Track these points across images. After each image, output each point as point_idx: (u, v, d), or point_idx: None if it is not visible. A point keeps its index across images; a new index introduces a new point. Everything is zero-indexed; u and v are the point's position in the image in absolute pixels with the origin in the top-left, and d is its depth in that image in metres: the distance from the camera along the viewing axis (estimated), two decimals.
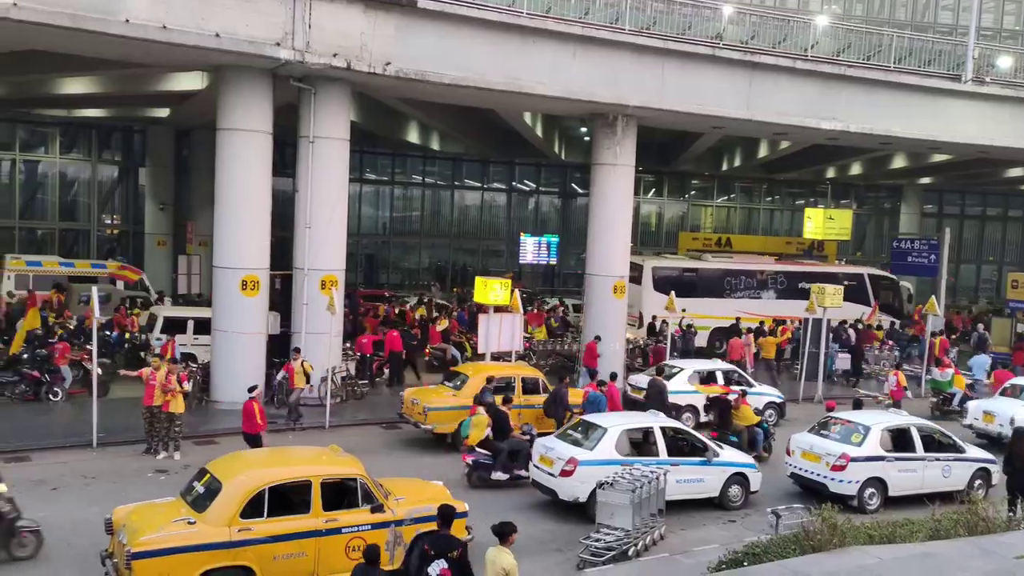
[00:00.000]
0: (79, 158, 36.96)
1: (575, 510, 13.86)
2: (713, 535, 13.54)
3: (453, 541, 8.92)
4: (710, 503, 14.89)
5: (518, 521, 13.22)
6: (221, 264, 19.87)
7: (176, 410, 16.08)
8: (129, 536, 9.88)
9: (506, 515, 13.81)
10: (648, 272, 29.54)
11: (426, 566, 8.68)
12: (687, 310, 26.08)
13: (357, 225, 39.06)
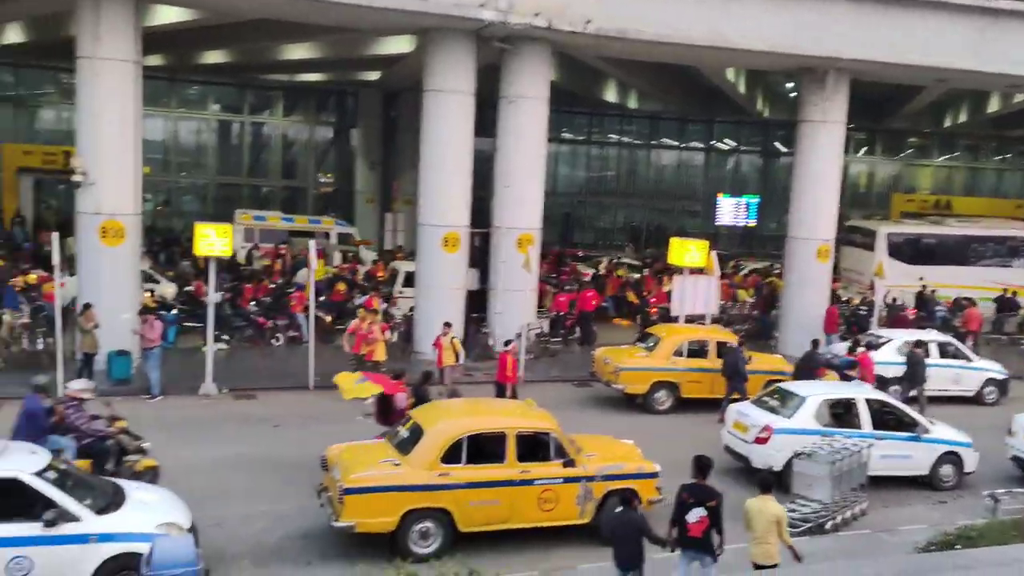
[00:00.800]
0: (299, 120, 39.59)
1: None
2: (920, 515, 12.81)
3: (711, 491, 9.09)
4: (918, 482, 14.05)
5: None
6: (425, 221, 20.74)
7: (379, 358, 17.05)
8: (342, 472, 10.67)
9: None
10: (883, 238, 27.80)
11: (685, 513, 8.96)
12: (924, 278, 24.40)
13: (553, 184, 39.44)
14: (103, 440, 11.52)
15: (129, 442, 11.75)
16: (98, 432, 11.57)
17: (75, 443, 11.30)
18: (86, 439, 11.40)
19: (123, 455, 11.56)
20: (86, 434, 11.43)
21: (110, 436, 11.61)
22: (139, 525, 9.10)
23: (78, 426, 11.41)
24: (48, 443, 10.77)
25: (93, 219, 17.40)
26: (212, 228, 16.82)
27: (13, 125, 34.92)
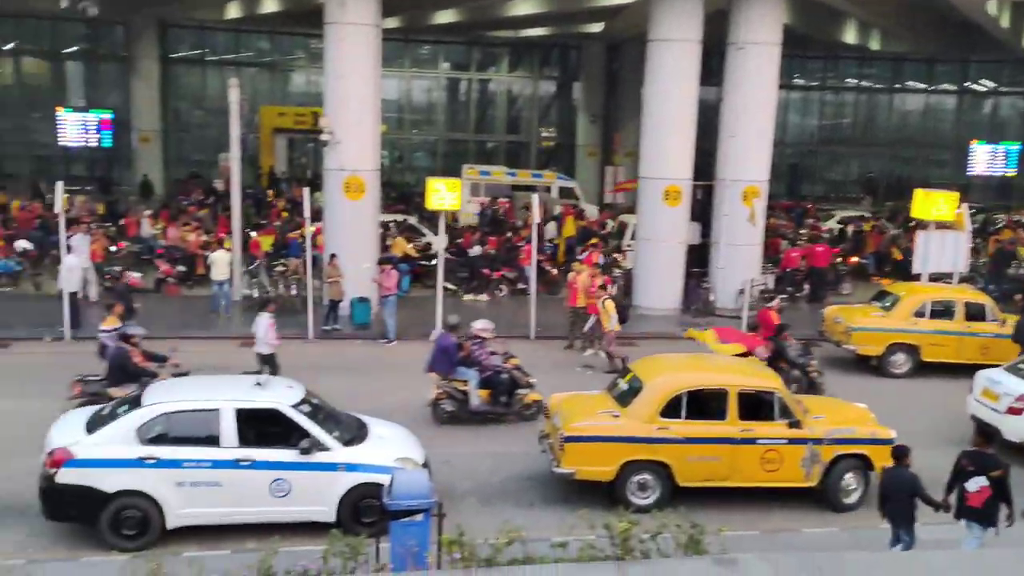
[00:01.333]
0: (523, 75, 40.31)
1: (1020, 451, 12.40)
2: None
3: (996, 460, 8.74)
4: None
5: (953, 456, 12.27)
6: (645, 174, 20.56)
7: None
8: (563, 421, 10.98)
9: (940, 448, 12.89)
10: None
11: (963, 481, 8.70)
12: None
13: (782, 133, 37.62)
14: (499, 374, 13.24)
15: (520, 377, 13.45)
16: (496, 367, 13.33)
17: (478, 375, 13.16)
18: (486, 372, 13.30)
19: (515, 388, 13.30)
20: (487, 367, 13.33)
21: (506, 371, 13.29)
22: (380, 458, 9.87)
23: (480, 360, 13.31)
24: (457, 373, 13.22)
25: (337, 175, 18.76)
26: (442, 183, 17.62)
27: (269, 88, 38.20)
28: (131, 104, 35.13)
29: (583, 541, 6.53)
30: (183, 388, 10.54)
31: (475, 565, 6.37)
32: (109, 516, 9.23)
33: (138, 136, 35.10)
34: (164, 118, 36.10)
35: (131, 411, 9.61)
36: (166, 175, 35.92)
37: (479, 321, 14.13)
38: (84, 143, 33.42)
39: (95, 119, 33.29)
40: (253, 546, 8.75)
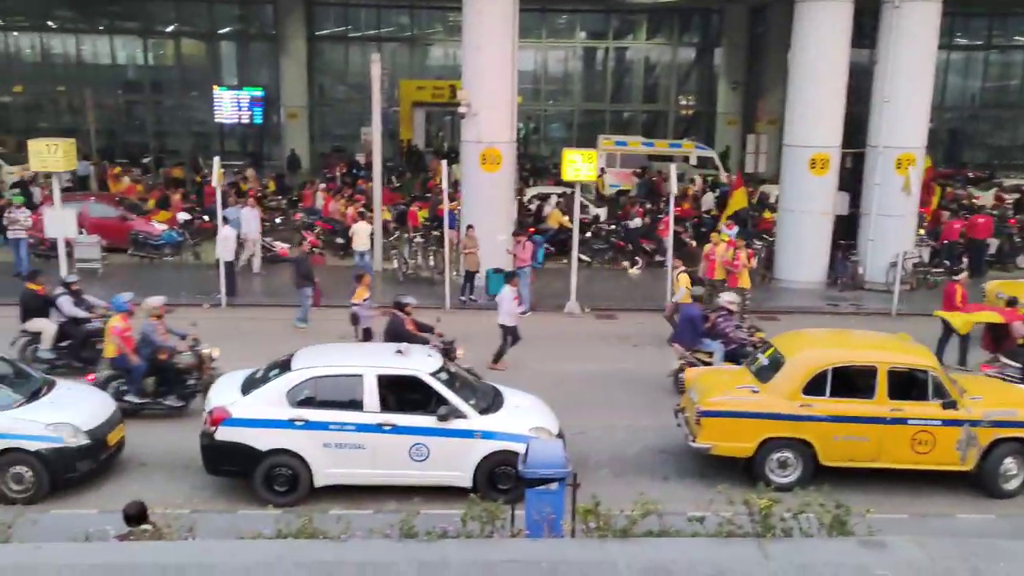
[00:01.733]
0: (661, 42, 39.47)
1: None
2: None
3: None
4: None
5: None
6: (790, 142, 19.79)
7: (743, 285, 16.81)
8: (699, 395, 10.80)
9: None
10: None
11: None
12: None
13: (940, 97, 35.33)
14: (743, 347, 13.19)
15: None
16: (742, 340, 13.37)
17: (723, 347, 13.22)
18: (731, 344, 13.25)
19: None
20: (732, 340, 13.30)
21: (751, 344, 13.25)
22: (515, 427, 10.02)
23: (726, 333, 13.36)
24: (703, 345, 13.27)
25: (475, 147, 18.97)
26: (579, 154, 17.53)
27: (409, 62, 38.98)
28: (280, 81, 36.66)
29: (721, 517, 6.43)
30: (329, 354, 11.00)
31: (610, 535, 6.39)
32: (262, 472, 9.79)
33: (286, 112, 36.62)
34: (310, 94, 37.48)
35: (281, 375, 10.11)
36: (311, 149, 37.36)
37: (725, 294, 14.07)
38: (237, 120, 35.16)
39: (247, 96, 34.93)
40: (394, 507, 9.09)
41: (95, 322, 13.45)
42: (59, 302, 13.53)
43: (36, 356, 13.32)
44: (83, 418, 10.05)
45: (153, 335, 12.20)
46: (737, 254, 16.92)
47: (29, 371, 10.96)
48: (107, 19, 38.14)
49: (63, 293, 13.67)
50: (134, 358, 11.91)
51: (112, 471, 10.49)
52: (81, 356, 13.43)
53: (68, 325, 13.49)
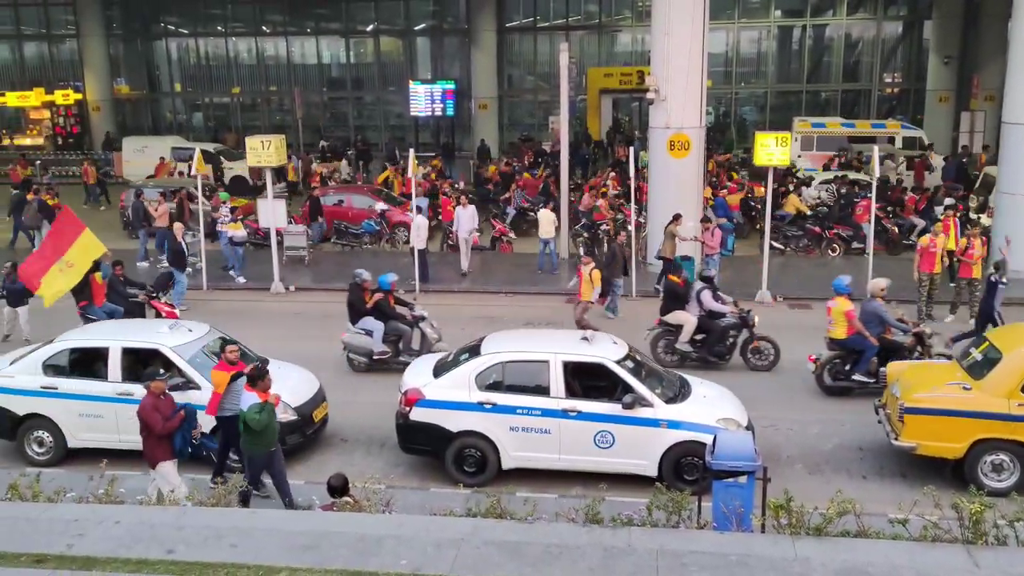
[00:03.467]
0: (864, 17, 37.20)
1: None
2: None
3: None
4: None
5: None
6: (1011, 119, 18.11)
7: (976, 276, 15.55)
8: (903, 391, 10.17)
9: None
10: None
11: None
12: None
13: None
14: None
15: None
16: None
17: None
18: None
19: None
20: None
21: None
22: (702, 417, 9.86)
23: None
24: None
25: (663, 133, 18.69)
26: (772, 137, 16.89)
27: (596, 50, 38.95)
28: (471, 74, 37.68)
29: (926, 520, 6.05)
30: (517, 340, 11.25)
31: (803, 532, 6.18)
32: (453, 453, 10.18)
33: (476, 103, 37.62)
34: (499, 85, 38.28)
35: (471, 359, 10.45)
36: (501, 139, 38.18)
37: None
38: (431, 112, 36.48)
39: (440, 89, 36.16)
40: (579, 492, 9.19)
41: (729, 317, 13.78)
42: (701, 296, 13.93)
43: (672, 348, 13.80)
44: (291, 395, 10.73)
45: (885, 314, 12.54)
46: (972, 242, 15.59)
47: (246, 350, 11.81)
48: (313, 21, 40.66)
49: (703, 288, 14.02)
50: (871, 339, 12.24)
51: (317, 445, 11.24)
52: (714, 351, 13.74)
53: (705, 319, 13.84)
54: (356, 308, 13.92)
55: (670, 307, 14.05)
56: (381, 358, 13.58)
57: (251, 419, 8.83)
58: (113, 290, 14.86)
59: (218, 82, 41.23)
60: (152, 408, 9.01)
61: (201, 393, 10.20)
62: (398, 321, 13.90)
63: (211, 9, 40.14)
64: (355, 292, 14.07)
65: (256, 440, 9.02)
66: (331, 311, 15.82)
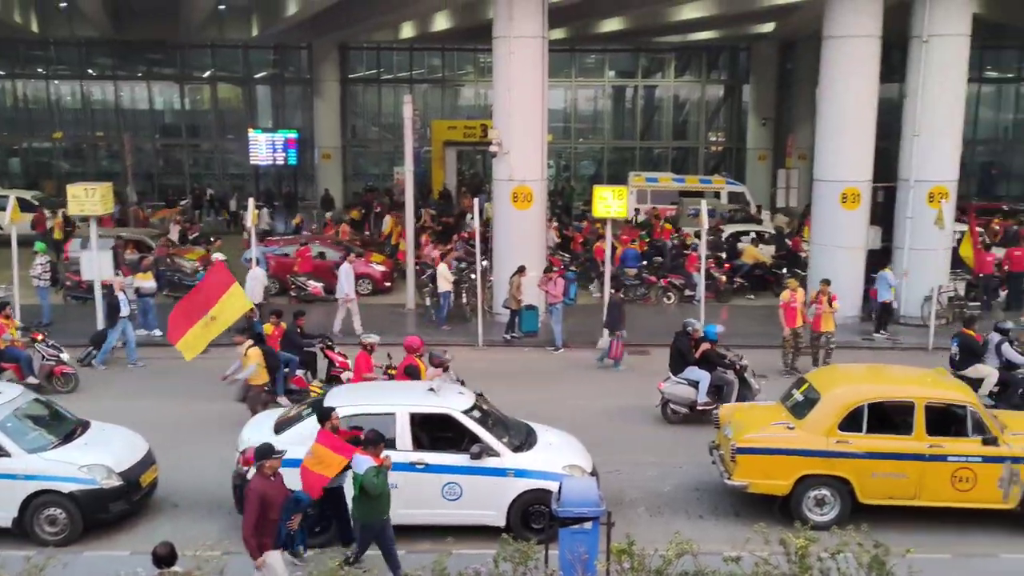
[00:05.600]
0: (690, 80, 39.67)
1: None
2: None
3: None
4: None
5: None
6: (821, 177, 19.71)
7: (829, 328, 16.39)
8: (735, 432, 10.70)
9: None
10: None
11: None
12: None
13: (972, 130, 35.03)
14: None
15: None
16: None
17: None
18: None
19: None
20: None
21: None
22: (548, 464, 9.98)
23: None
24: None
25: (506, 185, 19.13)
26: (609, 191, 17.62)
27: (440, 103, 39.52)
28: (314, 123, 37.31)
29: (757, 557, 6.34)
30: (361, 393, 11.07)
31: (645, 575, 6.33)
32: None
33: (320, 153, 37.22)
34: (343, 135, 38.09)
35: (314, 414, 10.17)
36: (345, 189, 37.87)
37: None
38: (272, 161, 35.76)
39: (282, 139, 35.57)
40: (427, 547, 9.06)
41: None
42: (1003, 348, 13.72)
43: None
44: (116, 459, 10.15)
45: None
46: (820, 297, 16.56)
47: (64, 412, 11.08)
48: (144, 66, 39.18)
49: (1003, 340, 13.85)
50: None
51: (145, 512, 10.56)
52: (1013, 402, 13.18)
53: (1006, 371, 13.57)
54: (684, 357, 13.87)
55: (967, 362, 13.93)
56: (705, 408, 13.29)
57: (368, 483, 8.32)
58: (289, 340, 14.65)
59: (39, 126, 38.82)
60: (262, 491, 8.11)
61: None
62: (724, 371, 13.78)
63: (32, 50, 37.90)
64: (683, 341, 14.04)
65: (372, 507, 8.55)
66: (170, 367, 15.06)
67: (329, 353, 15.04)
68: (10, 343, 14.71)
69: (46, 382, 14.66)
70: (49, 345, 15.04)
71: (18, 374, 14.41)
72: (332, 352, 15.05)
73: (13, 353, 14.63)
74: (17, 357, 14.60)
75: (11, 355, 14.60)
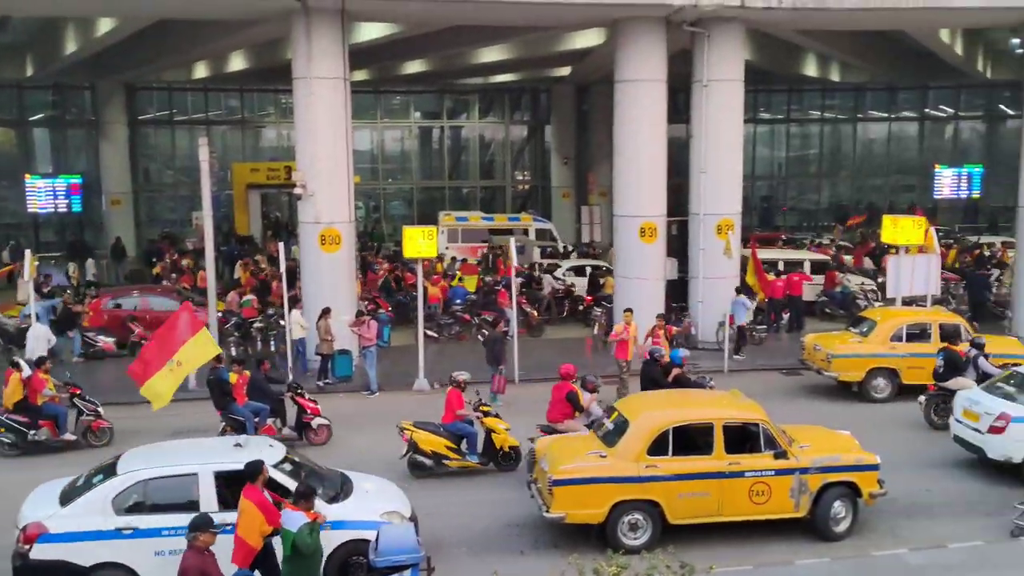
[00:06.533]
0: (494, 121, 40.71)
1: (1008, 471, 12.42)
2: None
3: None
4: None
5: (938, 479, 12.30)
6: (620, 212, 20.69)
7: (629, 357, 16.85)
8: (550, 465, 10.85)
9: (926, 472, 12.89)
10: None
11: None
12: None
13: (751, 167, 38.13)
14: None
15: None
16: None
17: None
18: None
19: None
20: None
21: None
22: (365, 513, 9.68)
23: None
24: None
25: (313, 228, 18.72)
26: (419, 231, 17.63)
27: (241, 145, 38.28)
28: (100, 167, 35.01)
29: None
30: (160, 454, 10.34)
31: None
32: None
33: (108, 199, 34.94)
34: (134, 180, 35.96)
35: (106, 480, 9.40)
36: (138, 236, 35.68)
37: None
38: (54, 209, 33.21)
39: (64, 184, 33.13)
40: None
41: None
42: (979, 362, 14.33)
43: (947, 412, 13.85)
44: None
45: None
46: (656, 331, 17.07)
47: None
48: None
49: (979, 355, 14.51)
50: None
51: None
52: None
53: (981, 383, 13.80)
54: (657, 383, 13.99)
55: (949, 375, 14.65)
56: None
57: (301, 542, 7.53)
58: (257, 388, 14.31)
59: None
60: None
61: None
62: None
63: None
64: (652, 368, 14.28)
65: (305, 566, 7.77)
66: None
67: (299, 399, 14.68)
68: (49, 399, 14.39)
69: (82, 437, 14.45)
70: (86, 399, 14.71)
71: (53, 431, 14.24)
72: (302, 399, 14.70)
73: (52, 410, 14.37)
74: (56, 413, 14.36)
75: (50, 411, 14.34)
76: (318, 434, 14.47)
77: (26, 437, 14.02)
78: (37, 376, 14.30)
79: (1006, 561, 9.83)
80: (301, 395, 14.84)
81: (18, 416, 14.04)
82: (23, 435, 14.01)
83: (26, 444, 14.02)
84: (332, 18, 18.27)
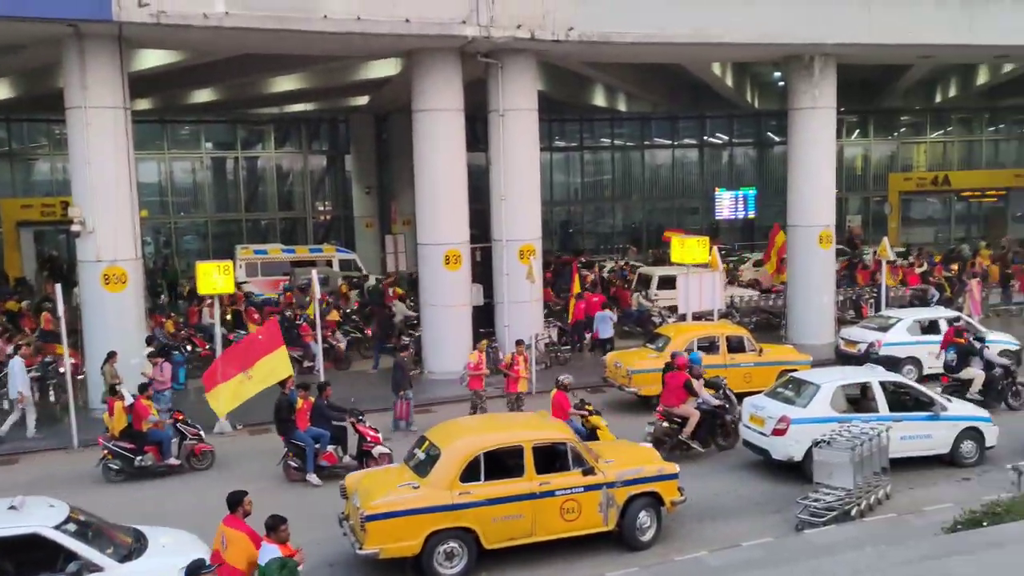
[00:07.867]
0: (292, 151, 39.74)
1: (791, 470, 13.45)
2: (946, 494, 12.70)
3: None
4: (941, 460, 13.96)
5: (729, 482, 13.10)
6: (424, 241, 20.74)
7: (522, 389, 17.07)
8: (362, 500, 10.61)
9: (718, 476, 13.71)
10: None
11: None
12: None
13: (550, 193, 39.46)
14: None
15: None
16: None
17: None
18: None
19: None
20: None
21: None
22: (162, 570, 9.05)
23: None
24: None
25: (95, 267, 17.43)
26: (214, 266, 16.83)
27: (11, 179, 35.12)
28: None
29: None
30: None
31: None
32: None
33: None
34: None
35: None
36: None
37: None
38: None
39: None
40: None
41: None
42: (983, 352, 16.27)
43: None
44: None
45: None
46: (516, 359, 16.98)
47: None
48: None
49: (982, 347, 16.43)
50: None
51: None
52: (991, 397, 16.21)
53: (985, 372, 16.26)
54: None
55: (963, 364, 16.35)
56: None
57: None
58: (319, 414, 14.31)
59: None
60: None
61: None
62: None
63: None
64: None
65: None
66: None
67: (360, 427, 14.56)
68: (153, 425, 14.44)
69: (185, 461, 14.73)
70: (189, 424, 14.99)
71: (157, 456, 14.39)
72: (363, 426, 14.58)
73: (157, 435, 14.47)
74: (160, 439, 14.49)
75: (155, 437, 14.45)
76: (379, 462, 13.89)
77: (132, 463, 14.27)
78: (140, 403, 14.51)
79: (794, 554, 10.60)
80: (362, 422, 14.59)
81: (124, 443, 14.34)
82: (130, 461, 14.28)
83: (132, 469, 14.28)
84: (109, 44, 17.19)
